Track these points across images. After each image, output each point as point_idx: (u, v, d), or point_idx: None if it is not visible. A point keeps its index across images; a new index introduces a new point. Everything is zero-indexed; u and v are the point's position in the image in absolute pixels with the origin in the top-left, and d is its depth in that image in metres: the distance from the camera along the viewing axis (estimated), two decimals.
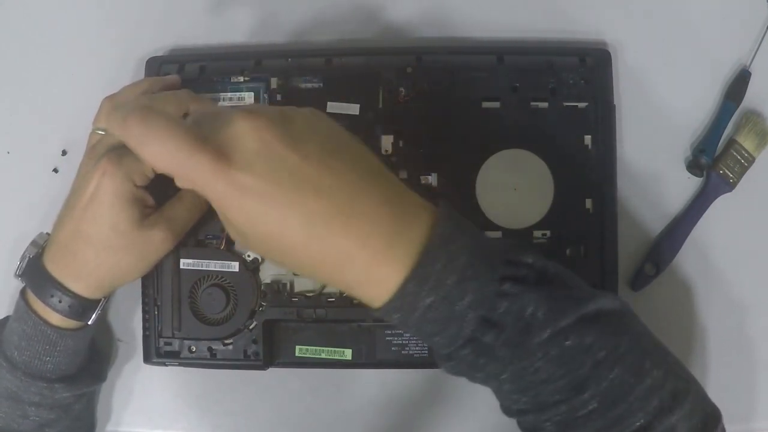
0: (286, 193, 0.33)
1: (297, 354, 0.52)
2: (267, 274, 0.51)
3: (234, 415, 0.54)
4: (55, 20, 0.57)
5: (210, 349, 0.51)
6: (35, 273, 0.46)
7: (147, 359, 0.52)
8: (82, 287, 0.46)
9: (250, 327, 0.51)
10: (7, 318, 0.50)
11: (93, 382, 0.51)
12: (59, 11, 0.57)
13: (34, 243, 0.49)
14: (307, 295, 0.51)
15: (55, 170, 0.56)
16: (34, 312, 0.46)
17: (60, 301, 0.45)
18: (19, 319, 0.46)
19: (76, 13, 0.57)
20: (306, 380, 0.54)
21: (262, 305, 0.51)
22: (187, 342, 0.51)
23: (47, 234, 0.49)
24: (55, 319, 0.46)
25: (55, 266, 0.46)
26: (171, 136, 0.33)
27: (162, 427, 0.55)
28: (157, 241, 0.46)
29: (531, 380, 0.36)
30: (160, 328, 0.51)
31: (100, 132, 0.48)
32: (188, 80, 0.52)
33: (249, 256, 0.51)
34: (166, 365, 0.52)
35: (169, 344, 0.51)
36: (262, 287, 0.51)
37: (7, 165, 0.57)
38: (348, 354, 0.51)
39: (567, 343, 0.35)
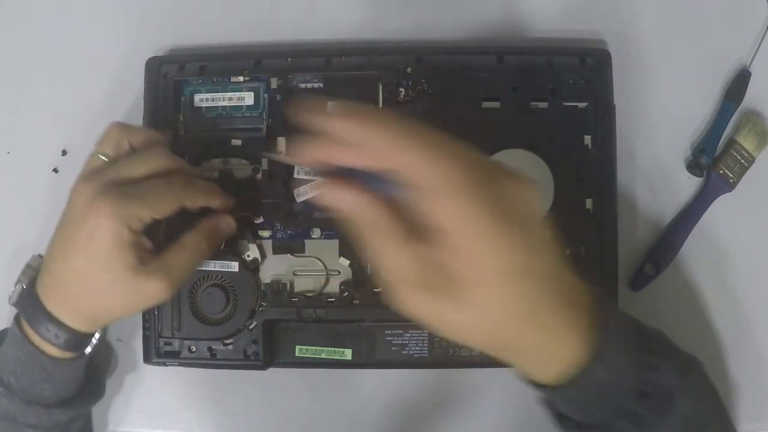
0: (546, 283, 0.33)
1: (297, 354, 0.52)
2: (267, 274, 0.51)
3: (234, 415, 0.54)
4: (55, 20, 0.57)
5: (210, 349, 0.51)
6: (29, 303, 0.45)
7: (147, 359, 0.52)
8: (76, 321, 0.44)
9: (250, 327, 0.51)
10: (2, 332, 0.49)
11: (91, 402, 0.50)
12: (59, 11, 0.57)
13: (27, 269, 0.47)
14: (307, 295, 0.51)
15: (55, 170, 0.56)
16: (30, 341, 0.45)
17: (56, 336, 0.44)
18: (14, 346, 0.45)
19: (76, 13, 0.57)
20: (306, 380, 0.54)
21: (262, 305, 0.51)
22: (187, 342, 0.51)
23: (40, 257, 0.47)
24: (52, 350, 0.45)
25: (49, 298, 0.44)
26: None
27: (162, 427, 0.55)
28: (152, 290, 0.44)
29: None
30: (160, 328, 0.51)
31: (102, 157, 0.46)
32: (188, 80, 0.52)
33: (249, 256, 0.51)
34: (166, 365, 0.52)
35: (169, 344, 0.51)
36: (262, 287, 0.51)
37: (7, 165, 0.57)
38: (348, 354, 0.51)
39: (688, 411, 0.38)
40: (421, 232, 0.32)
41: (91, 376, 0.50)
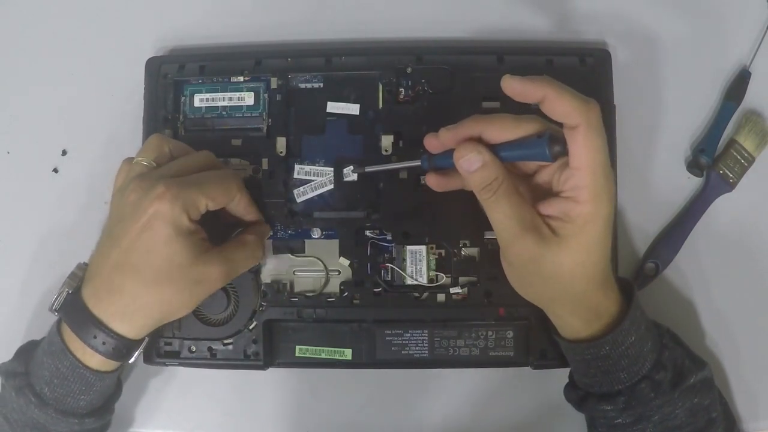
0: (608, 238, 0.42)
1: (297, 354, 0.52)
2: (267, 274, 0.51)
3: (234, 415, 0.54)
4: (55, 20, 0.57)
5: (210, 349, 0.51)
6: (75, 310, 0.43)
7: (147, 359, 0.52)
8: (127, 327, 0.43)
9: (250, 327, 0.51)
10: (32, 343, 0.48)
11: (113, 408, 0.50)
12: (59, 11, 0.57)
13: (73, 276, 0.45)
14: (307, 295, 0.51)
15: (55, 170, 0.56)
16: (72, 352, 0.43)
17: (103, 343, 0.43)
18: (53, 356, 0.44)
19: (76, 13, 0.57)
20: (306, 380, 0.54)
21: (262, 305, 0.51)
22: (187, 342, 0.51)
23: (86, 264, 0.45)
24: (95, 361, 0.44)
25: (97, 303, 0.43)
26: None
27: (162, 427, 0.55)
28: (213, 277, 0.43)
29: (668, 425, 0.44)
30: (160, 328, 0.51)
31: (144, 163, 0.45)
32: (188, 80, 0.52)
33: None
34: (166, 365, 0.52)
35: (169, 344, 0.51)
36: (262, 287, 0.51)
37: (7, 165, 0.57)
38: (348, 354, 0.51)
39: (695, 400, 0.44)
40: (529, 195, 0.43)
41: (119, 382, 0.50)
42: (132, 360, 0.45)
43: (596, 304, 0.43)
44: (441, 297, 0.50)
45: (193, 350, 0.51)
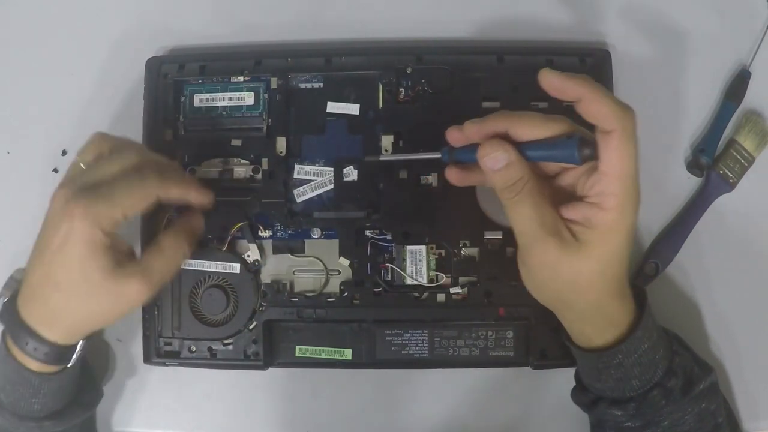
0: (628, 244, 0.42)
1: (297, 354, 0.52)
2: (267, 274, 0.51)
3: (234, 415, 0.54)
4: (55, 20, 0.57)
5: (210, 349, 0.51)
6: (10, 318, 0.44)
7: (147, 359, 0.52)
8: (55, 334, 0.43)
9: (250, 327, 0.51)
10: None
11: (84, 412, 0.49)
12: (59, 11, 0.57)
13: (10, 282, 0.46)
14: (307, 295, 0.51)
15: (55, 170, 0.56)
16: (13, 357, 0.44)
17: (35, 349, 0.43)
18: (2, 362, 0.44)
19: (76, 13, 0.57)
20: (306, 380, 0.54)
21: (262, 305, 0.51)
22: (187, 342, 0.51)
23: (23, 270, 0.46)
24: (35, 365, 0.44)
25: (28, 312, 0.43)
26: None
27: (162, 427, 0.55)
28: (131, 292, 0.43)
29: (677, 431, 0.44)
30: (160, 328, 0.51)
31: (82, 165, 0.44)
32: (188, 80, 0.52)
33: (249, 256, 0.51)
34: (166, 365, 0.52)
35: (169, 344, 0.51)
36: (262, 287, 0.51)
37: (7, 165, 0.57)
38: (348, 354, 0.51)
39: (703, 405, 0.45)
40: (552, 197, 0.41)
41: (84, 384, 0.50)
42: (71, 364, 0.45)
43: (611, 313, 0.42)
44: (441, 297, 0.50)
45: (193, 350, 0.51)
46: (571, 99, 0.39)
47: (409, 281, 0.50)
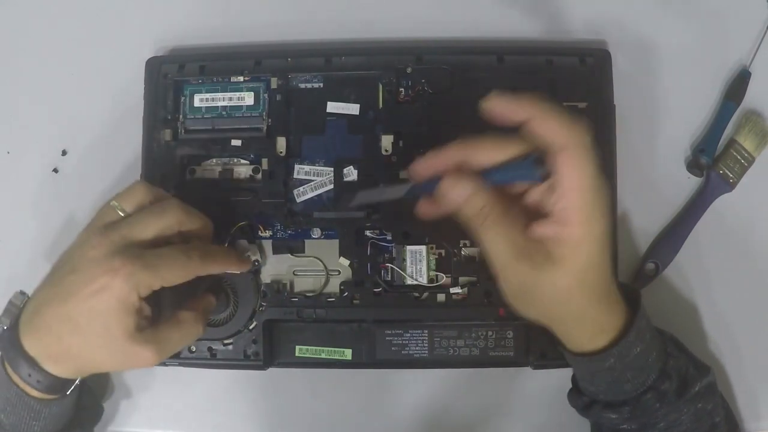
0: (607, 252, 0.41)
1: (297, 354, 0.52)
2: (267, 274, 0.51)
3: (234, 415, 0.54)
4: (55, 20, 0.57)
5: (210, 349, 0.51)
6: (11, 348, 0.43)
7: None
8: (59, 369, 0.43)
9: (250, 327, 0.51)
10: None
11: (85, 430, 0.50)
12: (59, 11, 0.57)
13: (9, 307, 0.45)
14: (307, 295, 0.51)
15: (55, 170, 0.56)
16: (15, 383, 0.44)
17: (38, 381, 0.43)
18: (2, 385, 0.44)
19: (76, 13, 0.57)
20: (306, 380, 0.54)
21: (262, 305, 0.51)
22: None
23: (21, 294, 0.46)
24: (35, 393, 0.44)
25: (34, 345, 0.43)
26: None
27: (162, 427, 0.55)
28: (141, 357, 0.43)
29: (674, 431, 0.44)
30: None
31: (119, 212, 0.45)
32: (188, 80, 0.52)
33: (249, 256, 0.51)
34: (166, 365, 0.52)
35: None
36: (262, 287, 0.51)
37: (7, 165, 0.57)
38: (348, 354, 0.51)
39: (699, 405, 0.45)
40: (520, 216, 0.40)
41: (83, 405, 0.50)
42: (70, 392, 0.46)
43: (599, 320, 0.42)
44: (441, 297, 0.50)
45: (193, 350, 0.51)
46: (520, 121, 0.39)
47: (409, 281, 0.50)
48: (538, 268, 0.40)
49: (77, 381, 0.46)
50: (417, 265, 0.50)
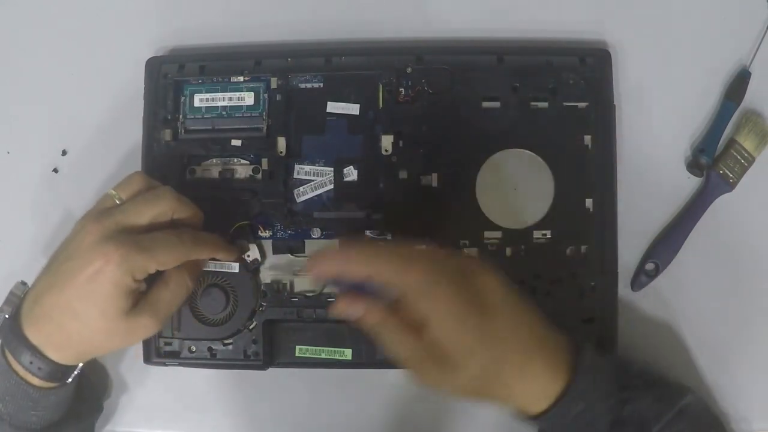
0: (518, 336, 0.42)
1: (297, 354, 0.52)
2: (267, 274, 0.51)
3: (234, 415, 0.54)
4: (55, 20, 0.57)
5: (210, 349, 0.51)
6: (13, 335, 0.44)
7: (147, 359, 0.52)
8: (60, 356, 0.44)
9: (250, 327, 0.51)
10: None
11: (81, 423, 0.50)
12: (59, 12, 0.57)
13: (11, 297, 0.46)
14: (307, 295, 0.51)
15: (55, 170, 0.56)
16: (14, 371, 0.44)
17: (39, 368, 0.44)
18: (2, 374, 0.45)
19: (76, 14, 0.57)
20: (306, 380, 0.54)
21: (262, 305, 0.51)
22: (187, 342, 0.51)
23: (23, 284, 0.47)
24: (36, 381, 0.45)
25: (35, 333, 0.44)
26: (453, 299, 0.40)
27: (162, 427, 0.55)
28: (141, 328, 0.45)
29: None
30: None
31: (116, 200, 0.45)
32: (188, 80, 0.52)
33: (249, 256, 0.51)
34: (166, 365, 0.52)
35: (169, 344, 0.51)
36: (262, 287, 0.51)
37: (7, 165, 0.57)
38: (348, 354, 0.51)
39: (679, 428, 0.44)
40: (416, 323, 0.41)
41: (83, 396, 0.50)
42: (70, 380, 0.46)
43: (526, 393, 0.43)
44: None
45: (193, 350, 0.51)
46: (359, 279, 0.41)
47: None
48: (437, 367, 0.41)
49: (78, 368, 0.46)
50: None
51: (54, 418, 0.47)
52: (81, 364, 0.47)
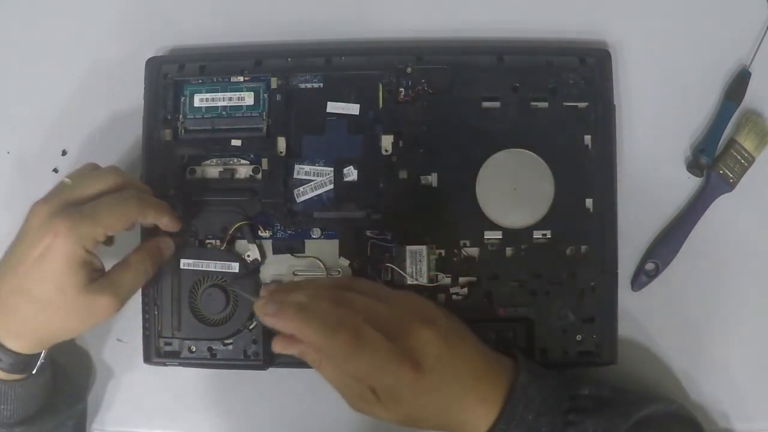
0: (450, 385, 0.43)
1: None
2: (267, 274, 0.51)
3: (234, 415, 0.54)
4: (55, 21, 0.57)
5: (210, 349, 0.51)
6: None
7: (147, 359, 0.52)
8: (21, 345, 0.44)
9: (250, 327, 0.51)
10: None
11: (57, 417, 0.49)
12: (59, 12, 0.57)
13: None
14: None
15: (55, 170, 0.56)
16: None
17: (0, 360, 0.44)
18: None
19: (76, 14, 0.57)
20: (306, 380, 0.54)
21: None
22: (187, 342, 0.51)
23: None
24: (1, 373, 0.44)
25: None
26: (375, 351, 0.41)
27: (162, 427, 0.55)
28: (101, 306, 0.44)
29: None
30: (160, 328, 0.51)
31: (67, 184, 0.46)
32: (188, 80, 0.52)
33: (249, 256, 0.51)
34: (166, 365, 0.52)
35: (169, 344, 0.51)
36: (262, 287, 0.51)
37: (7, 165, 0.57)
38: None
39: None
40: None
41: (59, 389, 0.50)
42: (35, 371, 0.46)
43: (457, 427, 0.44)
44: (441, 297, 0.50)
45: (193, 350, 0.51)
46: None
47: (409, 281, 0.50)
48: (372, 406, 0.43)
49: (41, 357, 0.46)
50: (417, 265, 0.50)
51: (28, 413, 0.47)
52: (44, 353, 0.46)
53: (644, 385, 0.52)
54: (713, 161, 0.53)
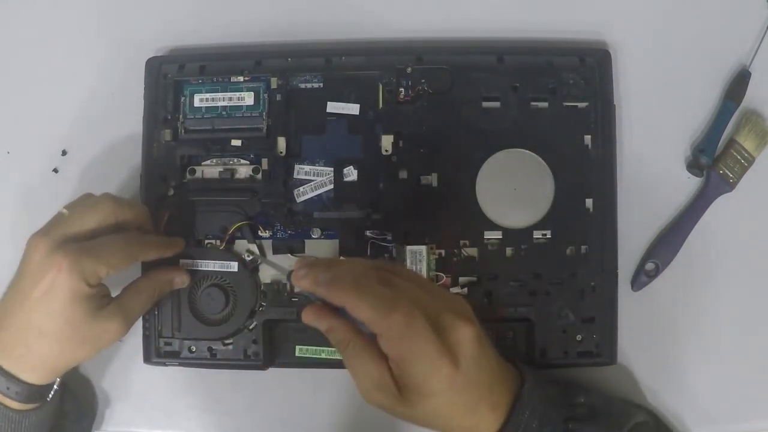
0: (477, 387, 0.42)
1: (297, 354, 0.52)
2: (267, 274, 0.51)
3: (234, 415, 0.54)
4: (55, 20, 0.57)
5: (210, 349, 0.51)
6: None
7: (147, 359, 0.52)
8: (36, 377, 0.45)
9: (250, 327, 0.51)
10: None
11: None
12: (59, 11, 0.57)
13: None
14: (307, 295, 0.51)
15: (55, 170, 0.56)
16: None
17: (17, 393, 0.44)
18: None
19: (76, 13, 0.57)
20: (306, 380, 0.54)
21: (262, 305, 0.51)
22: (187, 342, 0.51)
23: None
24: (15, 404, 0.45)
25: (6, 359, 0.44)
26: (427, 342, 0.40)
27: (162, 427, 0.55)
28: (111, 332, 0.45)
29: None
30: (160, 328, 0.51)
31: (65, 213, 0.46)
32: (188, 80, 0.52)
33: (249, 256, 0.51)
34: (166, 365, 0.52)
35: (169, 344, 0.51)
36: (262, 287, 0.51)
37: (7, 165, 0.57)
38: None
39: None
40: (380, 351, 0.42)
41: (64, 412, 0.50)
42: (50, 398, 0.47)
43: (469, 428, 0.43)
44: None
45: (193, 350, 0.51)
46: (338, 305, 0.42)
47: None
48: (392, 400, 0.42)
49: (56, 385, 0.47)
50: (417, 265, 0.50)
51: None
52: (58, 380, 0.47)
53: (644, 385, 0.52)
54: (713, 161, 0.53)
